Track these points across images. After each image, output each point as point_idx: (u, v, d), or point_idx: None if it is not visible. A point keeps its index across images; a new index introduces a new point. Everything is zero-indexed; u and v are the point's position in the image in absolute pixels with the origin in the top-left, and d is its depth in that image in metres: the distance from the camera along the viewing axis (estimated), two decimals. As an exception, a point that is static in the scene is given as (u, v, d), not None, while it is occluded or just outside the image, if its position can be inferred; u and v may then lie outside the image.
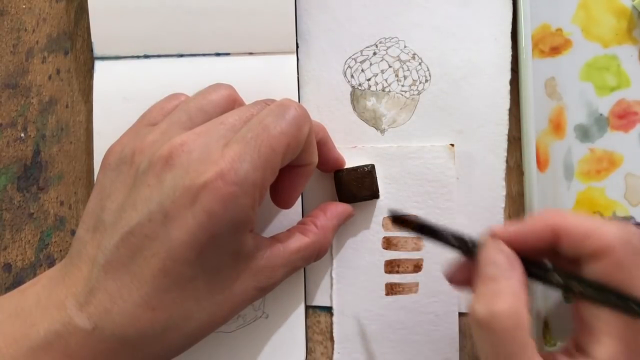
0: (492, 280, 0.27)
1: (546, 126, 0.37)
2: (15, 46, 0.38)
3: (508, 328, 0.25)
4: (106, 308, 0.27)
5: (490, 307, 0.26)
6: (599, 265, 0.26)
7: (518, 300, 0.26)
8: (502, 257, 0.27)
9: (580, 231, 0.26)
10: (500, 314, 0.26)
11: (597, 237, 0.26)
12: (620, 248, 0.25)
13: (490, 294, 0.26)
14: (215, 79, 0.33)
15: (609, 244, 0.26)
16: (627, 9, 0.37)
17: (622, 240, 0.26)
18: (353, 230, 0.36)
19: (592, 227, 0.26)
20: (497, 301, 0.26)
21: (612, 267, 0.26)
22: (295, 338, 0.36)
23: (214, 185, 0.26)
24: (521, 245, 0.28)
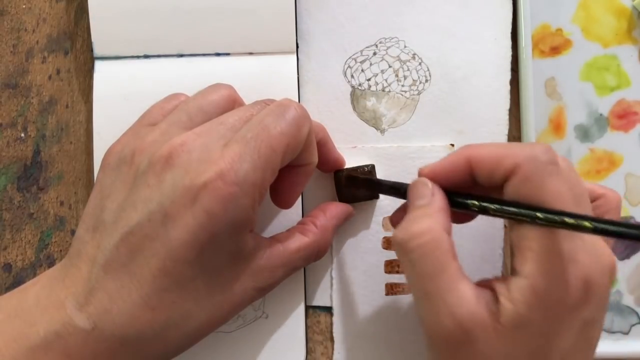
0: (414, 208, 0.29)
1: (546, 126, 0.37)
2: (15, 46, 0.38)
3: (425, 248, 0.27)
4: (106, 308, 0.27)
5: (408, 230, 0.27)
6: (510, 185, 0.27)
7: (435, 223, 0.27)
8: (424, 189, 0.29)
9: (490, 158, 0.27)
10: (417, 234, 0.27)
11: (505, 161, 0.27)
12: (526, 164, 0.26)
13: (409, 220, 0.28)
14: (215, 79, 0.33)
15: (515, 163, 0.26)
16: (627, 9, 0.37)
17: (528, 157, 0.26)
18: (353, 230, 0.36)
19: (500, 152, 0.27)
20: (414, 224, 0.27)
21: (521, 183, 0.26)
22: (295, 338, 0.36)
23: (213, 186, 0.26)
24: (443, 179, 0.29)
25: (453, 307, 0.26)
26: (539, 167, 0.26)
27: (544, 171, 0.26)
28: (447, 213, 0.28)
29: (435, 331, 0.27)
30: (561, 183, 0.26)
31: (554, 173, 0.26)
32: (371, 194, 0.35)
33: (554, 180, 0.26)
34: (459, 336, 0.26)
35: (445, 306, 0.26)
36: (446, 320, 0.26)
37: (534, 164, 0.26)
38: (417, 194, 0.29)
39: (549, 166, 0.26)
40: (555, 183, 0.26)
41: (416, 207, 0.29)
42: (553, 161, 0.26)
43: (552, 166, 0.26)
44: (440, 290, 0.26)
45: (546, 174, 0.26)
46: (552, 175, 0.26)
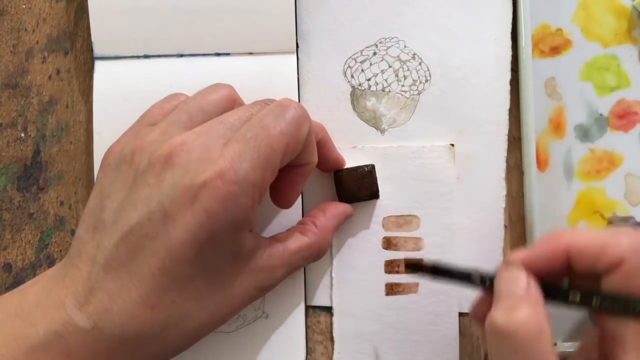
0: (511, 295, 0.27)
1: (546, 126, 0.37)
2: (15, 46, 0.38)
3: (529, 336, 0.25)
4: (106, 307, 0.27)
5: (511, 315, 0.26)
6: (614, 277, 0.26)
7: (539, 311, 0.26)
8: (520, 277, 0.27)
9: (591, 249, 0.27)
10: (521, 321, 0.25)
11: (608, 252, 0.26)
12: (631, 257, 0.26)
13: (509, 305, 0.26)
14: (215, 79, 0.33)
15: (620, 255, 0.26)
16: (627, 9, 0.37)
17: (632, 249, 0.26)
18: (353, 230, 0.36)
19: (602, 243, 0.26)
20: (518, 310, 0.26)
21: (626, 277, 0.26)
22: (295, 338, 0.36)
23: (213, 185, 0.26)
24: (535, 269, 0.28)
25: None
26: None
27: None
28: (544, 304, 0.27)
29: None
30: None
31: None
32: (371, 193, 0.35)
33: None
34: None
35: None
36: None
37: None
38: (511, 282, 0.27)
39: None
40: None
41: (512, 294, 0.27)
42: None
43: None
44: None
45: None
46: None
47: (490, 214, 0.36)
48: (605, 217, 0.36)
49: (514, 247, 0.37)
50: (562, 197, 0.36)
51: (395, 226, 0.36)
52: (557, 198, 0.36)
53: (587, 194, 0.36)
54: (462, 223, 0.36)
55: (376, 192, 0.36)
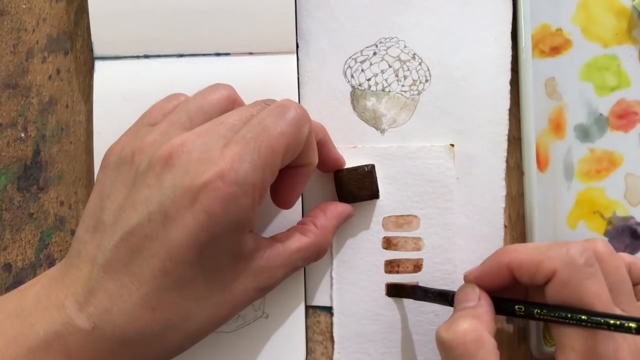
0: (459, 310, 0.30)
1: (546, 126, 0.37)
2: (15, 46, 0.38)
3: (468, 346, 0.27)
4: (106, 308, 0.27)
5: (452, 328, 0.28)
6: (551, 288, 0.28)
7: (480, 323, 0.28)
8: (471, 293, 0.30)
9: (529, 264, 0.29)
10: (461, 333, 0.28)
11: (542, 266, 0.28)
12: (562, 269, 0.27)
13: (453, 319, 0.29)
14: (215, 79, 0.33)
15: (553, 268, 0.28)
16: (627, 9, 0.37)
17: (564, 261, 0.27)
18: (353, 230, 0.36)
19: (538, 257, 0.28)
20: (459, 323, 0.28)
21: (559, 287, 0.28)
22: (295, 338, 0.36)
23: (213, 186, 0.26)
24: (487, 284, 0.30)
25: None
26: (576, 272, 0.27)
27: (581, 275, 0.27)
28: (492, 316, 0.29)
29: None
30: (599, 285, 0.27)
31: (591, 276, 0.27)
32: (371, 193, 0.35)
33: (591, 283, 0.27)
34: None
35: None
36: None
37: (570, 269, 0.27)
38: (463, 298, 0.30)
39: (585, 269, 0.27)
40: (593, 285, 0.27)
41: (462, 309, 0.30)
42: (589, 263, 0.27)
43: (588, 268, 0.27)
44: None
45: (583, 277, 0.27)
46: (590, 278, 0.27)
47: (490, 214, 0.36)
48: (605, 217, 0.36)
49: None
50: (562, 197, 0.36)
51: (395, 226, 0.36)
52: (557, 198, 0.36)
53: (587, 194, 0.36)
54: (462, 223, 0.36)
55: (376, 192, 0.36)
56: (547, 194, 0.36)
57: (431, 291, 0.33)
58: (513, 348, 0.36)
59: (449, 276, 0.36)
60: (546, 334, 0.35)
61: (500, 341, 0.34)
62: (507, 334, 0.36)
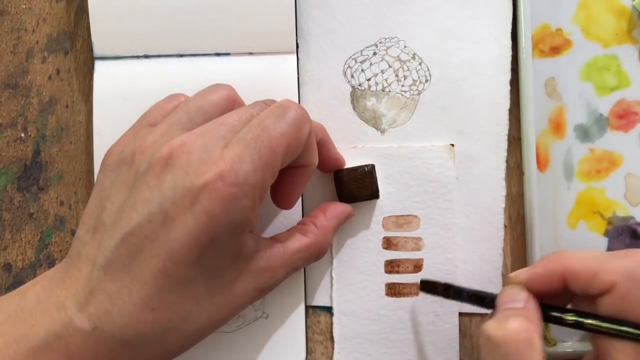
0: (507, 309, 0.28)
1: (546, 126, 0.37)
2: (15, 46, 0.38)
3: (518, 346, 0.26)
4: (106, 309, 0.27)
5: (503, 325, 0.27)
6: (607, 300, 0.27)
7: (531, 324, 0.27)
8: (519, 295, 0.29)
9: (585, 272, 0.28)
10: (512, 331, 0.27)
11: (600, 277, 0.27)
12: (624, 283, 0.26)
13: (503, 316, 0.28)
14: (215, 79, 0.33)
15: (612, 280, 0.27)
16: (627, 9, 0.37)
17: (626, 275, 0.27)
18: (353, 230, 0.36)
19: (595, 267, 0.27)
20: (510, 321, 0.27)
21: (618, 301, 0.27)
22: (295, 338, 0.36)
23: (213, 187, 0.26)
24: (535, 289, 0.29)
25: None
26: (636, 287, 0.26)
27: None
28: (541, 320, 0.28)
29: None
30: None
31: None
32: (371, 193, 0.35)
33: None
34: None
35: None
36: None
37: (632, 283, 0.26)
38: (510, 299, 0.29)
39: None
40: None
41: (510, 308, 0.28)
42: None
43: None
44: None
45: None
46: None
47: (490, 214, 0.36)
48: (605, 217, 0.36)
49: (514, 247, 0.37)
50: (562, 197, 0.36)
51: (395, 226, 0.36)
52: (557, 198, 0.36)
53: (587, 194, 0.36)
54: (462, 223, 0.36)
55: (376, 192, 0.36)
56: (547, 194, 0.36)
57: (465, 291, 0.32)
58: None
59: (449, 276, 0.36)
60: (546, 334, 0.35)
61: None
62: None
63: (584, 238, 0.36)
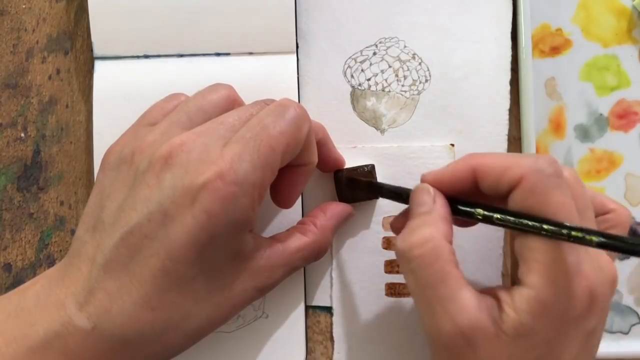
0: (415, 216, 0.29)
1: (546, 126, 0.37)
2: (15, 46, 0.38)
3: (426, 257, 0.27)
4: (106, 308, 0.27)
5: (408, 239, 0.28)
6: (515, 195, 0.27)
7: (436, 232, 0.27)
8: (426, 196, 0.29)
9: (495, 168, 0.27)
10: (417, 243, 0.27)
11: (509, 171, 0.27)
12: (531, 175, 0.26)
13: (410, 229, 0.28)
14: (215, 79, 0.33)
15: (520, 174, 0.26)
16: (627, 9, 0.37)
17: (533, 168, 0.26)
18: (353, 230, 0.36)
19: (505, 162, 0.27)
20: (415, 233, 0.28)
21: (526, 194, 0.26)
22: (295, 338, 0.36)
23: (213, 186, 0.26)
24: (447, 186, 0.29)
25: (454, 314, 0.26)
26: (544, 179, 0.26)
27: (549, 183, 0.26)
28: (448, 221, 0.28)
29: (438, 339, 0.27)
30: (565, 195, 0.26)
31: (558, 185, 0.26)
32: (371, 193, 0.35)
33: (558, 193, 0.26)
34: (460, 343, 0.26)
35: (447, 314, 0.26)
36: (447, 327, 0.26)
37: (538, 176, 0.26)
38: (418, 201, 0.29)
39: (553, 178, 0.26)
40: (559, 195, 0.26)
41: (417, 215, 0.29)
42: (557, 173, 0.26)
43: (556, 179, 0.26)
44: (442, 298, 0.27)
45: (551, 186, 0.26)
46: (557, 187, 0.26)
47: (490, 214, 0.36)
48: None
49: (514, 247, 0.37)
50: (562, 197, 0.36)
51: (395, 226, 0.36)
52: (557, 198, 0.36)
53: (587, 194, 0.36)
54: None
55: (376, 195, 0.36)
56: (547, 194, 0.36)
57: (385, 187, 0.33)
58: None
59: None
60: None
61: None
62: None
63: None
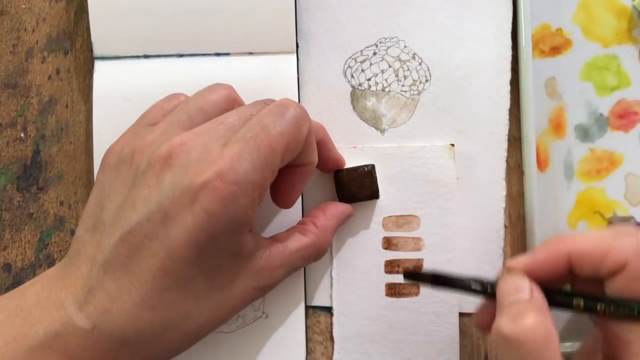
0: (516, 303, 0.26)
1: (546, 126, 0.37)
2: (15, 46, 0.38)
3: (537, 344, 0.25)
4: (105, 308, 0.27)
5: (518, 323, 0.25)
6: (617, 281, 0.26)
7: (545, 317, 0.25)
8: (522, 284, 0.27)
9: (594, 253, 0.26)
10: (528, 328, 0.25)
11: (611, 256, 0.26)
12: (635, 260, 0.25)
13: (515, 312, 0.26)
14: (215, 79, 0.33)
15: (624, 259, 0.25)
16: (627, 9, 0.37)
17: (636, 251, 0.25)
18: (353, 230, 0.36)
19: (604, 246, 0.26)
20: (524, 317, 0.25)
21: (630, 280, 0.25)
22: (295, 338, 0.36)
23: (213, 185, 0.26)
24: (536, 275, 0.28)
25: None
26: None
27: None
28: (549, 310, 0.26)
29: None
30: None
31: None
32: (371, 193, 0.35)
33: None
34: None
35: None
36: None
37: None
38: (512, 289, 0.27)
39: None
40: None
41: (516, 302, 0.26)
42: None
43: None
44: None
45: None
46: None
47: (490, 214, 0.36)
48: (605, 217, 0.36)
49: (514, 247, 0.37)
50: (562, 197, 0.36)
51: (395, 226, 0.36)
52: (557, 198, 0.36)
53: (587, 194, 0.36)
54: (462, 223, 0.36)
55: (376, 192, 0.36)
56: (547, 194, 0.36)
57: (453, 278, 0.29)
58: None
59: (449, 276, 0.36)
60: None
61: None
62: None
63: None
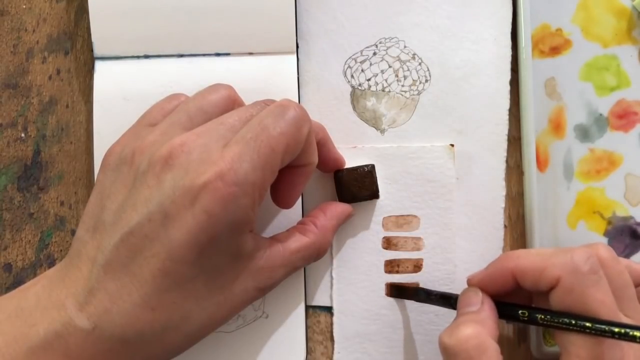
0: (463, 314, 0.30)
1: (546, 126, 0.37)
2: (16, 46, 0.38)
3: (471, 353, 0.27)
4: (106, 308, 0.27)
5: (454, 334, 0.28)
6: (555, 294, 0.28)
7: (482, 329, 0.28)
8: (474, 297, 0.30)
9: (533, 271, 0.29)
10: (463, 339, 0.28)
11: (546, 273, 0.28)
12: (567, 276, 0.27)
13: (454, 324, 0.29)
14: (215, 79, 0.33)
15: (557, 275, 0.27)
16: (627, 9, 0.37)
17: (568, 268, 0.27)
18: (353, 230, 0.36)
19: (541, 263, 0.28)
20: (461, 329, 0.28)
21: (564, 294, 0.27)
22: (295, 338, 0.36)
23: (213, 186, 0.26)
24: (490, 288, 0.30)
25: None
26: (580, 279, 0.27)
27: (586, 282, 0.27)
28: (495, 320, 0.29)
29: None
30: (604, 293, 0.27)
31: (595, 283, 0.27)
32: (371, 193, 0.36)
33: (596, 290, 0.27)
34: None
35: None
36: None
37: (575, 276, 0.27)
38: (466, 302, 0.30)
39: (590, 276, 0.27)
40: (597, 293, 0.27)
41: (464, 314, 0.30)
42: (594, 270, 0.27)
43: (593, 275, 0.27)
44: None
45: (588, 284, 0.27)
46: (594, 285, 0.27)
47: (490, 214, 0.36)
48: (605, 217, 0.36)
49: (514, 247, 0.37)
50: (562, 197, 0.36)
51: (395, 226, 0.36)
52: (557, 198, 0.36)
53: (587, 194, 0.36)
54: (462, 223, 0.36)
55: (376, 192, 0.36)
56: (547, 194, 0.36)
57: (434, 293, 0.33)
58: (513, 348, 0.36)
59: (448, 276, 0.36)
60: (546, 334, 0.35)
61: (500, 341, 0.34)
62: (507, 334, 0.36)
63: (583, 238, 0.36)
